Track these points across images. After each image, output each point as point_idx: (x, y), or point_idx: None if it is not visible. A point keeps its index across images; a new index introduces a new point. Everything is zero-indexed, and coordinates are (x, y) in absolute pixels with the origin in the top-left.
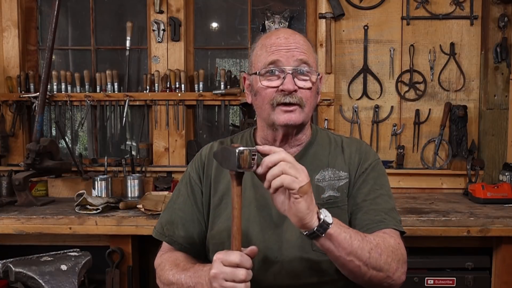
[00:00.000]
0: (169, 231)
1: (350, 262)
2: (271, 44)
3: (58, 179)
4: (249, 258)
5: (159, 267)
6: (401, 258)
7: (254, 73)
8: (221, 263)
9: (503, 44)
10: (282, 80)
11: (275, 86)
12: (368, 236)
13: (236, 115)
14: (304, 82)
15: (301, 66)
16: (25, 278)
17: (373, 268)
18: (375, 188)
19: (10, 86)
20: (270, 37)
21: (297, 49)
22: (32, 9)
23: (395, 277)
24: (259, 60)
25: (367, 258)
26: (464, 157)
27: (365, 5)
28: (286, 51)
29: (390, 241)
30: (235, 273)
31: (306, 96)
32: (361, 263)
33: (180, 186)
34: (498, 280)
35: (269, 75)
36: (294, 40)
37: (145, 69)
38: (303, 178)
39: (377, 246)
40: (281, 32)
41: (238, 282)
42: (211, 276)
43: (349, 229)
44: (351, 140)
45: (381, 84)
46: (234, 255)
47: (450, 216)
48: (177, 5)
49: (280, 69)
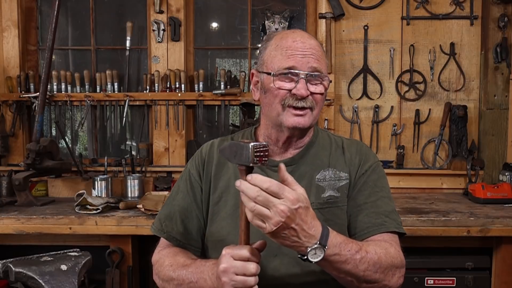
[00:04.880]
0: (167, 227)
1: (342, 278)
2: (287, 47)
3: (58, 179)
4: (258, 252)
5: (157, 263)
6: (399, 264)
7: (267, 73)
8: (231, 257)
9: (503, 44)
10: (295, 83)
11: (288, 89)
12: (369, 252)
13: (236, 115)
14: (315, 87)
15: (314, 73)
16: (25, 278)
17: (366, 282)
18: (376, 190)
19: (10, 86)
20: (286, 39)
21: (312, 55)
22: (32, 9)
23: (391, 284)
24: (273, 61)
25: (361, 276)
26: (464, 157)
27: (365, 5)
28: (301, 56)
29: (391, 251)
30: (246, 267)
31: (317, 100)
32: (354, 279)
33: (180, 182)
34: (498, 280)
35: (283, 77)
36: (310, 46)
37: (145, 69)
38: (273, 222)
39: (376, 262)
40: (298, 35)
41: (248, 276)
42: (221, 270)
43: (347, 252)
44: (352, 141)
45: (381, 84)
46: (245, 249)
47: (450, 216)
48: (177, 5)
49: (294, 73)
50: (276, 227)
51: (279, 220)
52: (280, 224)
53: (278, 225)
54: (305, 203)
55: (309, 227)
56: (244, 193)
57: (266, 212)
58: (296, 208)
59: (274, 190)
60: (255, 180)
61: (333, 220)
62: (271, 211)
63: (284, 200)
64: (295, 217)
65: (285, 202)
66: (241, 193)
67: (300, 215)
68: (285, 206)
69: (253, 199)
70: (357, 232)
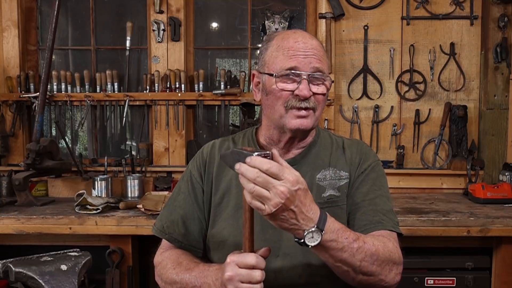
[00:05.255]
0: (169, 229)
1: (338, 267)
2: (289, 47)
3: (58, 179)
4: (263, 259)
5: (160, 265)
6: (397, 260)
7: (269, 73)
8: (236, 265)
9: (503, 44)
10: (297, 84)
11: (290, 90)
12: (367, 243)
13: (236, 115)
14: (317, 87)
15: (316, 73)
16: (25, 278)
17: (363, 274)
18: (374, 188)
19: (10, 86)
20: (287, 40)
21: (314, 56)
22: (32, 9)
23: (388, 279)
24: (275, 62)
25: (357, 266)
26: (464, 157)
27: (365, 5)
28: (303, 57)
29: (389, 245)
30: (252, 275)
31: (319, 100)
32: (350, 269)
33: (181, 183)
34: (498, 280)
35: (285, 78)
36: (312, 46)
37: (145, 69)
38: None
39: (374, 253)
40: (299, 36)
41: (254, 283)
42: (226, 278)
43: (344, 240)
44: (352, 141)
45: (381, 84)
46: (250, 257)
47: (450, 216)
48: (177, 5)
49: (296, 74)
50: (276, 208)
51: (278, 202)
52: (279, 206)
53: (278, 207)
54: (304, 185)
55: (308, 209)
56: (243, 175)
57: (266, 193)
58: (296, 190)
59: (274, 172)
60: (254, 162)
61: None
62: (270, 192)
63: (284, 181)
64: (295, 198)
65: (285, 183)
66: (240, 176)
67: (300, 197)
68: (285, 187)
69: (252, 181)
70: (354, 230)
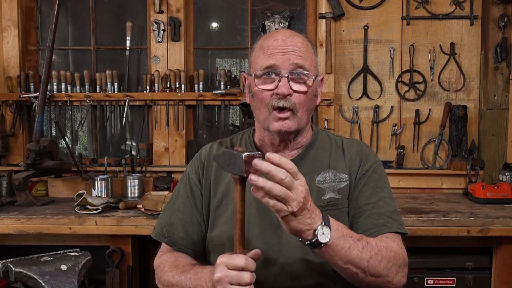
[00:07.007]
0: (168, 232)
1: (347, 269)
2: (268, 46)
3: (58, 179)
4: (253, 261)
5: (158, 268)
6: (402, 262)
7: (251, 74)
8: (225, 266)
9: (503, 44)
10: (277, 83)
11: (270, 89)
12: (370, 243)
13: (236, 115)
14: (299, 86)
15: (297, 69)
16: (25, 278)
17: (371, 275)
18: (377, 191)
19: (10, 86)
20: (268, 39)
21: (293, 52)
22: (32, 9)
23: (394, 281)
24: (256, 62)
25: (365, 266)
26: (464, 157)
27: (365, 5)
28: (282, 54)
29: (393, 246)
30: (241, 277)
31: (300, 101)
32: (359, 271)
33: (180, 186)
34: (498, 280)
35: (265, 78)
36: (291, 43)
37: (145, 69)
38: (295, 204)
39: (378, 253)
40: (280, 34)
41: (243, 286)
42: (215, 280)
43: (349, 238)
44: (352, 141)
45: (381, 84)
46: (239, 258)
47: (450, 216)
48: (177, 5)
49: (276, 72)
50: (297, 208)
51: (299, 201)
52: (300, 205)
53: (299, 206)
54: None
55: (314, 208)
56: (271, 174)
57: (290, 193)
58: (307, 189)
59: (295, 171)
60: (279, 160)
61: None
62: (293, 192)
63: (300, 180)
64: (308, 197)
65: (302, 183)
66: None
67: (309, 196)
68: (303, 187)
69: (279, 181)
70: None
